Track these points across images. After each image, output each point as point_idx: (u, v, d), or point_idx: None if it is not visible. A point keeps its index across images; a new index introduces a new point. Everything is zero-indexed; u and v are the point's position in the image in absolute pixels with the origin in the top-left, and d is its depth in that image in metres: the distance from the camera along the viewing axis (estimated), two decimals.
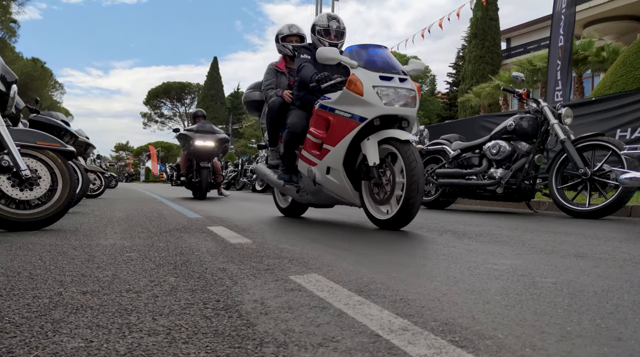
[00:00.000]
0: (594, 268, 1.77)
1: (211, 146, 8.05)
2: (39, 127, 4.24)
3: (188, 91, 56.46)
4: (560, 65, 8.96)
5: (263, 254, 2.04)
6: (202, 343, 0.95)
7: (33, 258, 1.91)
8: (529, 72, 15.77)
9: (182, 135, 8.34)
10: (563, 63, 8.93)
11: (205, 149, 8.03)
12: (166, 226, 3.28)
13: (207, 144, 8.02)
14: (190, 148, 8.04)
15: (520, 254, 2.10)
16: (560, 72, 8.94)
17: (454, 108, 26.34)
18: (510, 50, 26.96)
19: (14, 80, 2.99)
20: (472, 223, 3.69)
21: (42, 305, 1.22)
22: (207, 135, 8.11)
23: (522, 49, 25.30)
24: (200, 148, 8.00)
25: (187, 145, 8.13)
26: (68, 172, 3.07)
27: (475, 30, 24.25)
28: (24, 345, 0.93)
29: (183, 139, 8.26)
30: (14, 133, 2.94)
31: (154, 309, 1.19)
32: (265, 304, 1.23)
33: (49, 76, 37.12)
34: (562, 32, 9.04)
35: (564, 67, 8.92)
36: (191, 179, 8.33)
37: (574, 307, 1.21)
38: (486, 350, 0.90)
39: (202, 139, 8.01)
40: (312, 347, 0.92)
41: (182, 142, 8.36)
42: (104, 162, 14.71)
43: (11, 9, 29.51)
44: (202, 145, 8.00)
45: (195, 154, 8.09)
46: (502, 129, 5.16)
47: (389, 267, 1.77)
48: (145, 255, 2.02)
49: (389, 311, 1.17)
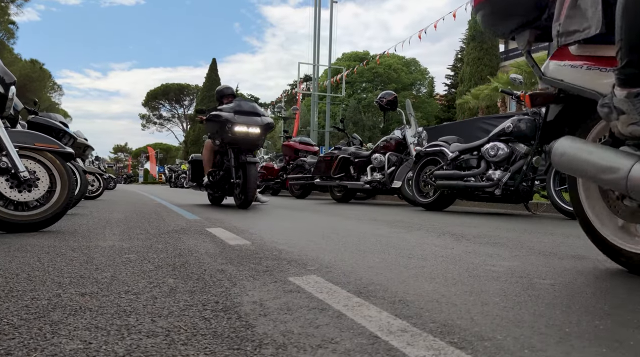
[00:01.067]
0: (592, 270, 1.77)
1: (257, 133, 5.72)
2: (38, 129, 4.24)
3: (187, 93, 56.45)
4: None
5: (262, 256, 2.04)
6: (201, 345, 0.95)
7: (31, 260, 1.91)
8: (527, 74, 15.82)
9: (213, 117, 5.86)
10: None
11: (249, 137, 5.70)
12: (165, 228, 3.28)
13: (252, 131, 5.68)
14: (227, 135, 5.66)
15: (519, 256, 2.10)
16: None
17: (452, 110, 26.38)
18: (508, 52, 27.01)
19: (12, 81, 2.99)
20: (470, 225, 3.69)
21: (40, 307, 1.22)
22: (251, 117, 5.75)
23: (520, 51, 25.33)
24: (243, 136, 5.65)
25: (221, 132, 5.75)
26: (66, 174, 3.07)
27: (474, 32, 24.31)
28: (23, 347, 0.93)
29: (215, 123, 5.86)
30: (13, 134, 2.94)
31: (152, 311, 1.19)
32: (264, 306, 1.23)
33: (48, 78, 37.07)
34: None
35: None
36: (220, 180, 6.04)
37: (573, 308, 1.22)
38: (485, 351, 0.91)
39: (245, 123, 5.67)
40: (311, 349, 0.92)
41: (213, 127, 6.00)
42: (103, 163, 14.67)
43: (9, 10, 29.49)
44: (245, 132, 5.64)
45: (235, 143, 5.73)
46: (500, 131, 5.17)
47: (387, 268, 1.77)
48: (144, 256, 2.02)
49: (388, 312, 1.17)
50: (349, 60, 38.48)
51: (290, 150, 10.79)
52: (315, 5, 19.13)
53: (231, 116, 5.66)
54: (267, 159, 12.56)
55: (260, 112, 5.97)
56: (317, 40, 19.27)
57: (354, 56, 40.52)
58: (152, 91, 57.12)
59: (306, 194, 9.81)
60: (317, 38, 19.23)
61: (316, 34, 19.16)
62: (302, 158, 10.04)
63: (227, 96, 6.66)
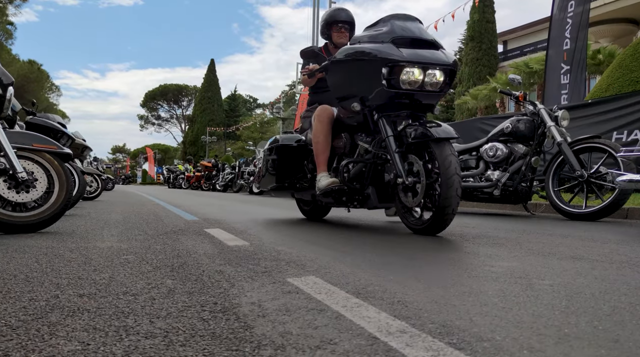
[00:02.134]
0: (591, 270, 1.77)
1: (439, 82, 2.98)
2: (36, 130, 4.23)
3: (185, 93, 56.45)
4: (572, 68, 8.83)
5: (260, 257, 2.04)
6: (200, 346, 0.95)
7: (29, 261, 1.90)
8: (525, 74, 15.84)
9: (356, 55, 3.06)
10: (574, 66, 8.78)
11: (427, 90, 2.97)
12: (163, 228, 3.27)
13: (432, 78, 2.95)
14: (383, 90, 2.92)
15: (518, 256, 2.10)
16: (571, 74, 8.82)
17: (450, 110, 26.40)
18: (507, 52, 27.05)
19: (10, 82, 2.99)
20: (469, 225, 3.69)
21: (38, 308, 1.21)
22: (427, 52, 2.96)
23: (518, 52, 25.40)
24: (417, 87, 2.94)
25: (368, 84, 3.02)
26: (65, 175, 3.06)
27: (472, 33, 24.32)
28: (21, 348, 0.93)
29: (351, 72, 3.16)
30: (10, 135, 2.94)
31: (151, 312, 1.18)
32: (263, 307, 1.23)
33: (46, 78, 37.05)
34: (568, 34, 8.89)
35: (575, 69, 8.77)
36: (357, 176, 3.30)
37: (572, 309, 1.22)
38: (484, 352, 0.90)
39: (421, 61, 2.89)
40: (309, 350, 0.92)
41: (346, 79, 3.22)
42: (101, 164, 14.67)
43: (7, 11, 29.47)
44: (418, 81, 2.91)
45: (398, 103, 3.02)
46: (499, 131, 5.17)
47: (386, 269, 1.77)
48: (142, 257, 2.02)
49: (387, 313, 1.17)
50: None
51: None
52: (314, 5, 19.14)
53: (393, 51, 2.87)
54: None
55: (437, 42, 3.05)
56: (316, 41, 19.27)
57: None
58: (151, 92, 57.12)
59: None
60: (315, 39, 19.23)
61: (315, 35, 19.16)
62: None
63: (340, 24, 3.92)
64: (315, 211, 4.32)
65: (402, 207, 2.99)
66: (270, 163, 4.02)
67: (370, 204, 3.32)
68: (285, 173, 3.94)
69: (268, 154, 4.11)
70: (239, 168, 15.11)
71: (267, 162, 4.09)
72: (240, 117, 48.99)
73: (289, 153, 3.95)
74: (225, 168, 17.06)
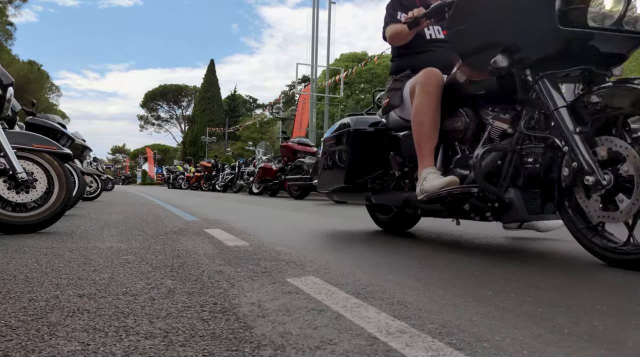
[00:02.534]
0: (591, 271, 1.77)
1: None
2: (36, 130, 4.23)
3: (185, 94, 56.43)
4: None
5: (260, 257, 2.04)
6: (200, 346, 0.95)
7: (29, 261, 1.90)
8: None
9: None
10: None
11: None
12: (163, 229, 3.27)
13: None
14: (571, 16, 1.71)
15: (517, 257, 2.10)
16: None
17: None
18: None
19: (10, 82, 2.99)
20: (468, 226, 3.69)
21: (38, 308, 1.21)
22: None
23: None
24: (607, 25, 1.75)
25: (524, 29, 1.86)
26: (64, 175, 3.06)
27: None
28: (21, 348, 0.93)
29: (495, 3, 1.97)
30: (10, 136, 2.94)
31: (150, 312, 1.18)
32: (263, 307, 1.23)
33: (46, 79, 37.05)
34: None
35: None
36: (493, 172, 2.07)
37: (571, 309, 1.22)
38: (484, 353, 0.91)
39: None
40: (309, 350, 0.92)
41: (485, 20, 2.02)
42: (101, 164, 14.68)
43: (7, 11, 29.48)
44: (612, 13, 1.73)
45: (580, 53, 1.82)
46: None
47: (386, 269, 1.77)
48: (142, 258, 2.02)
49: (387, 313, 1.17)
50: (347, 61, 38.49)
51: (289, 151, 10.83)
52: (313, 6, 19.14)
53: None
54: (265, 160, 12.56)
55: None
56: (315, 41, 19.27)
57: (352, 57, 40.54)
58: (150, 92, 57.10)
59: (304, 195, 9.82)
60: (315, 39, 19.24)
61: (314, 35, 19.17)
62: (301, 159, 10.06)
63: None
64: (398, 221, 3.11)
65: (582, 221, 1.88)
66: (337, 156, 3.01)
67: (514, 216, 2.07)
68: (360, 169, 2.91)
69: (334, 143, 3.09)
70: (238, 168, 15.12)
71: (332, 155, 3.07)
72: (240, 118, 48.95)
73: (366, 141, 2.93)
74: (225, 168, 17.06)
